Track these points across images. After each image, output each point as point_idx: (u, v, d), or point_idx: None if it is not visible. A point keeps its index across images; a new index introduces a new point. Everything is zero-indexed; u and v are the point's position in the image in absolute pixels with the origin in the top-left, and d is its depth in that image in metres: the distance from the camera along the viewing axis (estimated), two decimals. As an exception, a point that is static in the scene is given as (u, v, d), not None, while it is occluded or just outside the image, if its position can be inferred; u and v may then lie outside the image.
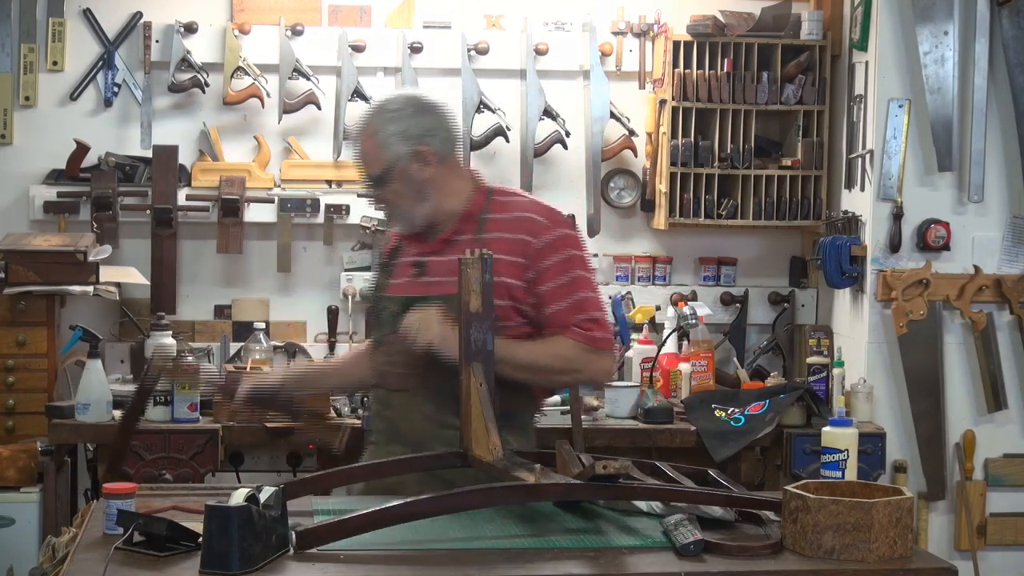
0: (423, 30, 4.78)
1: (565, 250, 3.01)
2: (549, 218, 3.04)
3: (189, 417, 3.99)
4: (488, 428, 2.67)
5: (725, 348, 4.87)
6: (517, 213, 3.03)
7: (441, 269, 3.00)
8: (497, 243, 2.96)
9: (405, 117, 3.03)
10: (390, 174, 3.02)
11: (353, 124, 3.18)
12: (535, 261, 2.98)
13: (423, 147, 3.01)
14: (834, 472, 3.59)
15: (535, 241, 2.99)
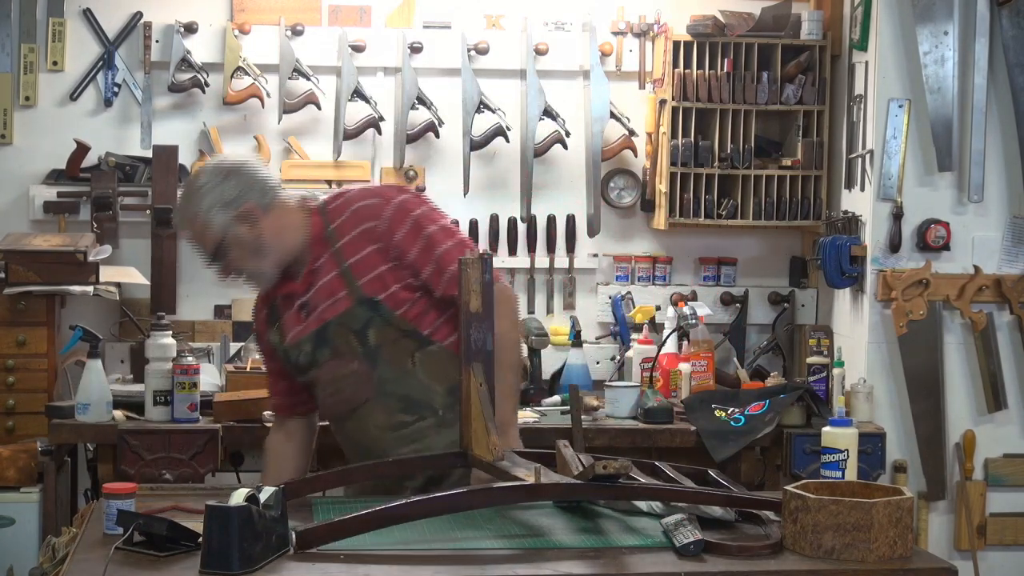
0: (423, 30, 4.78)
1: (408, 217, 3.07)
2: (380, 195, 3.13)
3: (189, 417, 3.99)
4: (488, 428, 2.67)
5: (725, 348, 4.87)
6: (352, 207, 3.09)
7: (321, 297, 3.08)
8: (350, 245, 3.06)
9: (215, 187, 3.07)
10: (225, 245, 3.07)
11: (174, 215, 3.23)
12: (387, 239, 3.05)
13: (244, 207, 3.05)
14: (834, 472, 3.59)
15: (378, 223, 3.06)
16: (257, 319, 3.29)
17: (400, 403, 3.07)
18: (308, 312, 3.11)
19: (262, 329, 3.25)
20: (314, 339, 3.11)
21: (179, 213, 3.13)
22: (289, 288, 3.14)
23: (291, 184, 4.71)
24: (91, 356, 4.03)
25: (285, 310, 3.16)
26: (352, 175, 4.75)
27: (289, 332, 3.15)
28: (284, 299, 3.17)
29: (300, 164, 4.74)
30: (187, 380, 3.98)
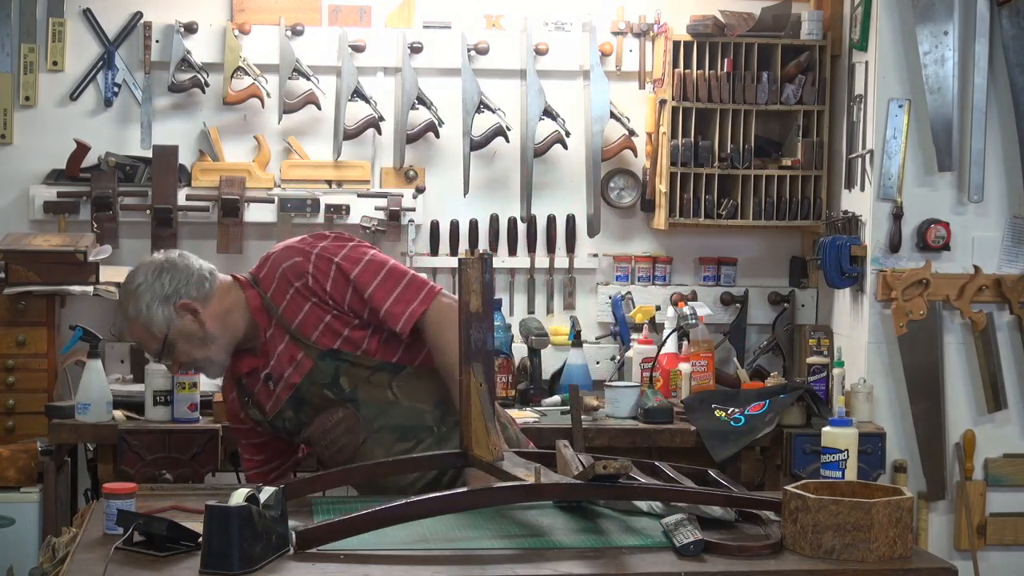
0: (423, 30, 4.78)
1: (329, 266, 3.07)
2: (300, 252, 3.11)
3: (189, 417, 3.99)
4: (488, 428, 2.67)
5: (725, 348, 4.87)
6: (278, 271, 3.10)
7: (283, 365, 3.09)
8: (289, 308, 3.07)
9: (151, 284, 3.10)
10: (171, 340, 3.10)
11: (115, 323, 3.28)
12: (320, 292, 3.06)
13: (184, 302, 3.08)
14: (834, 472, 3.59)
15: (307, 278, 3.07)
16: (227, 400, 3.31)
17: (394, 434, 3.07)
18: (275, 383, 3.13)
19: (236, 408, 3.27)
20: (291, 404, 3.13)
21: (120, 316, 3.15)
22: (249, 364, 3.16)
23: (291, 184, 4.73)
24: (91, 356, 4.03)
25: (253, 386, 3.18)
26: (352, 175, 4.75)
27: (265, 404, 3.17)
28: (249, 376, 3.19)
29: (300, 164, 4.74)
30: (187, 380, 3.99)
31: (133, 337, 3.16)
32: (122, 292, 3.16)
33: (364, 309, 3.05)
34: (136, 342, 3.20)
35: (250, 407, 3.21)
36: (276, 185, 4.73)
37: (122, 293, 3.16)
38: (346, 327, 3.06)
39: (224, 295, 3.14)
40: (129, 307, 3.11)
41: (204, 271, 3.16)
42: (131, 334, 3.16)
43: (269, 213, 4.69)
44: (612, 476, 2.48)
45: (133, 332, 3.14)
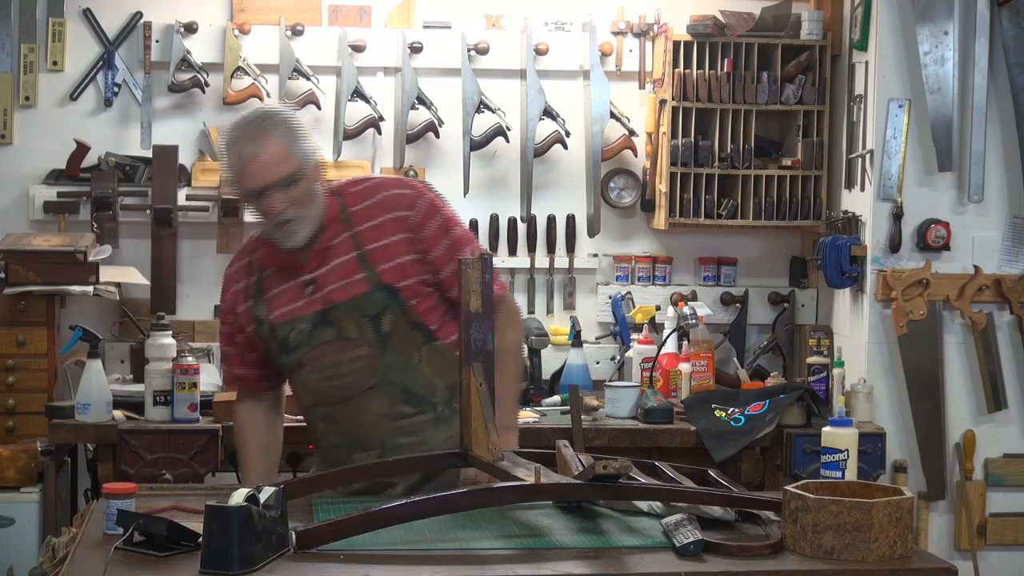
0: (423, 30, 4.79)
1: (438, 214, 3.09)
2: (412, 188, 3.13)
3: (189, 417, 3.99)
4: (488, 428, 2.67)
5: (725, 348, 4.87)
6: (381, 195, 3.07)
7: (333, 277, 3.03)
8: (372, 231, 3.04)
9: (293, 117, 3.01)
10: (296, 176, 2.96)
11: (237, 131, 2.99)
12: (418, 231, 3.05)
13: (318, 153, 3.03)
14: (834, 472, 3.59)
15: (412, 213, 3.05)
16: (232, 289, 3.17)
17: (403, 394, 3.03)
18: (314, 290, 3.03)
19: (238, 300, 3.14)
20: (316, 319, 3.03)
21: (255, 129, 2.95)
22: (290, 261, 3.06)
23: (291, 184, 4.73)
24: (91, 356, 4.03)
25: (279, 284, 3.08)
26: (352, 175, 4.74)
27: (282, 307, 3.07)
28: (280, 272, 3.08)
29: (300, 164, 4.74)
30: (187, 380, 3.99)
31: (263, 155, 2.93)
32: (254, 113, 3.01)
33: (447, 265, 3.02)
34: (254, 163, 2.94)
35: (259, 304, 3.10)
36: (276, 185, 4.73)
37: (260, 113, 3.00)
38: (415, 276, 3.02)
39: (320, 179, 3.07)
40: (275, 126, 2.95)
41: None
42: (262, 152, 2.93)
43: (269, 213, 4.68)
44: (612, 476, 2.47)
45: (268, 150, 2.93)
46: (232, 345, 3.22)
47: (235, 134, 2.98)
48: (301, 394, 3.14)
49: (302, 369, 3.09)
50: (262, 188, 2.95)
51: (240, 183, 2.98)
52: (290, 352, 3.08)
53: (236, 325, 3.18)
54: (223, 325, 3.24)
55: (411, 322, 3.03)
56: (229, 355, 3.24)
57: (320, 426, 3.12)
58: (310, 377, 3.08)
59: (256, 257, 3.13)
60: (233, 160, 2.98)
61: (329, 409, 3.08)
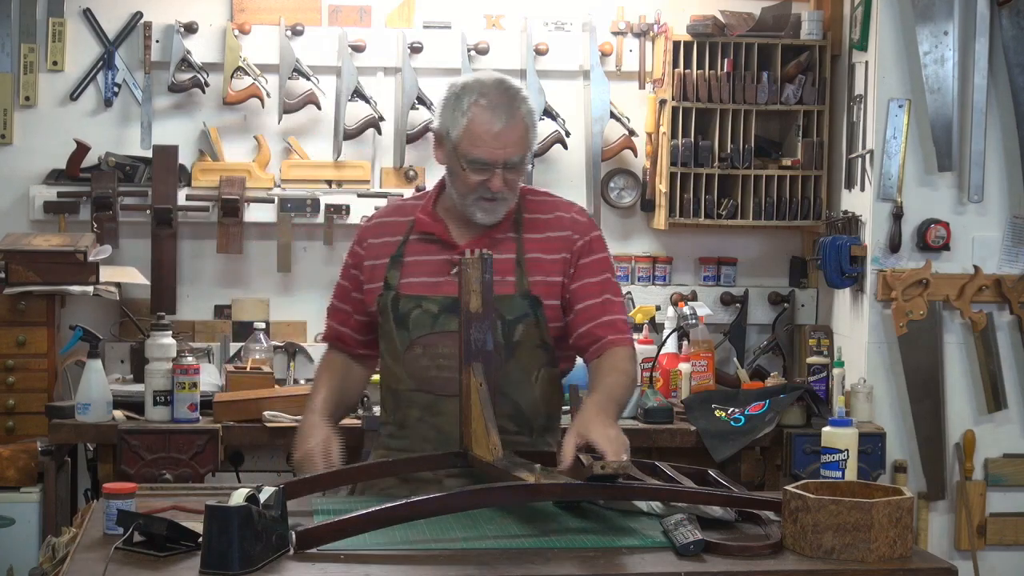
0: (423, 30, 4.79)
1: (601, 251, 3.04)
2: (586, 218, 3.08)
3: (189, 417, 3.99)
4: (488, 428, 2.67)
5: (725, 348, 4.87)
6: (558, 213, 3.02)
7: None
8: (538, 243, 2.98)
9: (530, 101, 2.94)
10: (527, 160, 2.93)
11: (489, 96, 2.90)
12: (576, 258, 2.99)
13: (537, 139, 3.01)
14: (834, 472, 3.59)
15: (579, 238, 3.00)
16: (368, 242, 3.05)
17: (512, 408, 2.94)
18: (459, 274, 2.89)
19: (378, 253, 3.01)
20: (448, 304, 2.90)
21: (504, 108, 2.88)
22: (446, 235, 2.97)
23: (291, 184, 4.73)
24: (91, 356, 4.03)
25: (421, 252, 2.98)
26: (352, 175, 4.75)
27: (417, 277, 2.96)
28: (427, 242, 2.98)
29: (300, 164, 4.75)
30: (187, 380, 3.99)
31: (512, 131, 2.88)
32: (508, 85, 2.93)
33: (588, 300, 2.96)
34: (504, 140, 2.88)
35: (395, 266, 2.98)
36: (276, 185, 4.74)
37: (508, 86, 2.93)
38: (557, 299, 2.96)
39: None
40: (520, 102, 2.90)
41: None
42: (513, 127, 2.88)
43: (269, 213, 4.69)
44: (611, 476, 2.47)
45: (516, 126, 2.88)
46: (347, 301, 3.11)
47: (487, 99, 2.89)
48: (403, 376, 2.98)
49: (414, 350, 2.96)
50: (498, 161, 2.88)
51: (476, 149, 2.88)
52: (408, 329, 2.96)
53: (357, 281, 3.07)
54: (343, 278, 3.12)
55: (541, 339, 2.96)
56: (336, 310, 3.14)
57: (414, 414, 2.98)
58: (421, 361, 2.95)
59: (409, 219, 3.02)
60: (478, 124, 2.88)
61: (433, 399, 2.95)
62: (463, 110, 2.90)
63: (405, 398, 3.00)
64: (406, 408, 3.00)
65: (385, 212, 3.16)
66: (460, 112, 2.90)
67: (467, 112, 2.89)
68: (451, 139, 2.92)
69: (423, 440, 2.96)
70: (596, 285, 2.99)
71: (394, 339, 2.98)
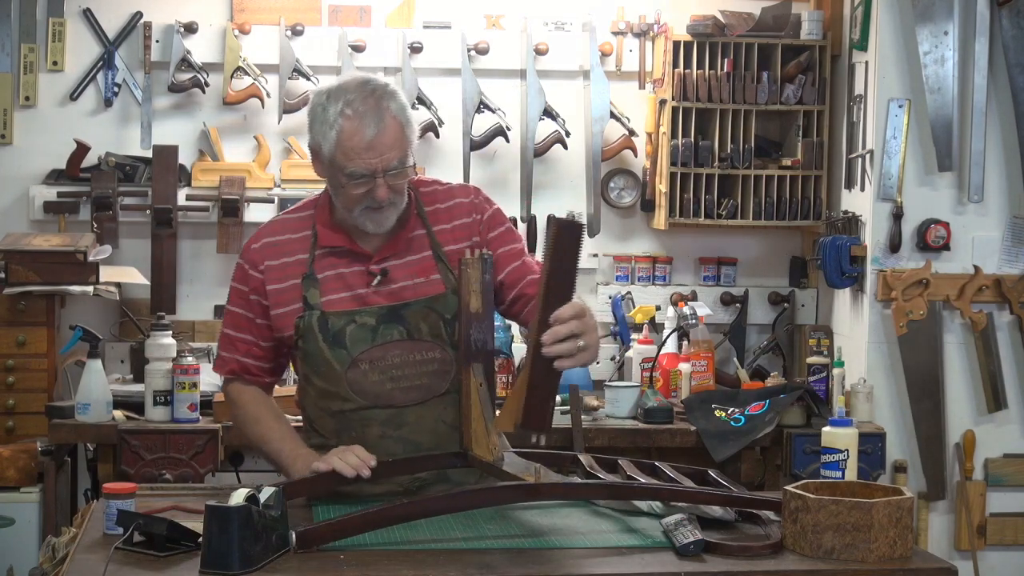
0: (423, 30, 4.79)
1: (503, 222, 2.96)
2: (479, 196, 2.97)
3: (189, 417, 3.99)
4: (488, 428, 2.67)
5: (725, 348, 4.87)
6: (456, 199, 2.93)
7: (410, 272, 2.85)
8: (448, 234, 2.89)
9: (400, 95, 2.82)
10: (408, 161, 2.79)
11: (353, 103, 2.77)
12: (483, 235, 2.91)
13: (416, 135, 2.87)
14: (834, 472, 3.59)
15: (480, 218, 2.92)
16: (271, 266, 2.87)
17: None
18: (383, 282, 2.83)
19: (282, 276, 2.85)
20: (383, 314, 2.81)
21: (372, 112, 2.74)
22: (355, 245, 2.85)
23: (291, 184, 4.73)
24: (91, 356, 4.03)
25: (334, 267, 2.85)
26: (352, 175, 4.74)
27: (339, 294, 2.83)
28: (336, 255, 2.85)
29: (300, 164, 4.74)
30: (187, 380, 3.99)
31: (385, 136, 2.74)
32: (371, 87, 2.79)
33: (510, 264, 2.90)
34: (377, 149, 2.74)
35: (312, 286, 2.83)
36: (276, 185, 4.74)
37: (374, 86, 2.80)
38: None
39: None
40: (389, 101, 2.76)
41: None
42: (384, 132, 2.74)
43: (269, 213, 4.68)
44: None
45: (388, 130, 2.74)
46: (249, 330, 2.91)
47: (353, 107, 2.75)
48: (349, 395, 2.83)
49: (359, 368, 2.82)
50: (377, 171, 2.75)
51: (351, 162, 2.75)
52: (345, 347, 2.81)
53: (259, 307, 2.88)
54: (238, 307, 2.92)
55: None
56: (237, 340, 2.93)
57: (374, 431, 2.83)
58: (369, 377, 2.82)
59: (302, 235, 2.88)
60: (348, 137, 2.74)
61: (394, 412, 2.83)
62: (330, 123, 2.76)
63: (356, 418, 2.85)
64: (360, 427, 2.84)
65: (270, 231, 2.92)
66: (328, 125, 2.76)
67: (334, 124, 2.75)
68: (324, 154, 2.79)
69: (388, 455, 2.81)
70: (510, 254, 2.91)
71: (328, 360, 2.82)
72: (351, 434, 2.84)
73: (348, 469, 2.68)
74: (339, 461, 2.70)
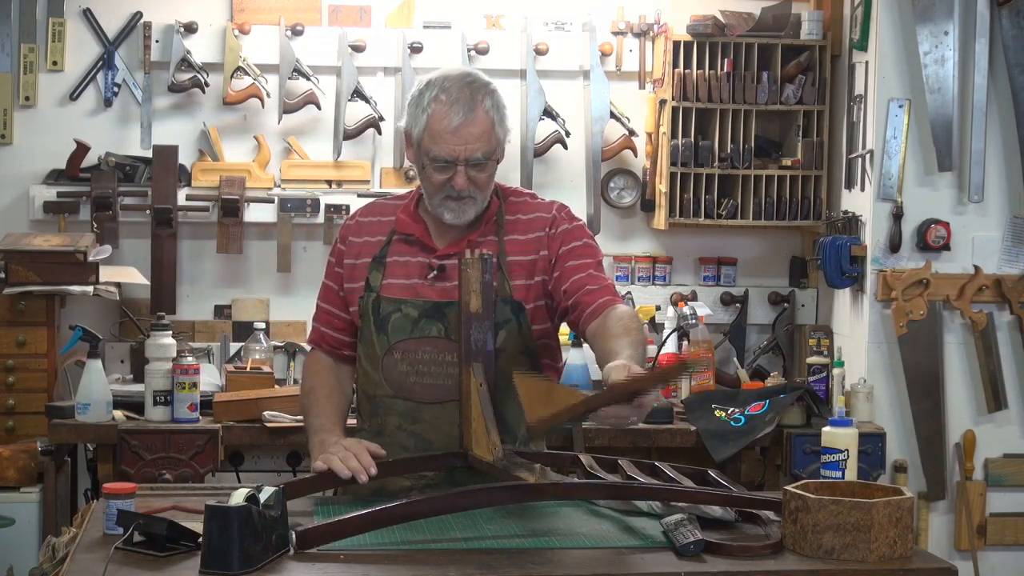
0: (423, 30, 4.79)
1: (583, 237, 2.93)
2: (561, 212, 2.96)
3: (189, 417, 3.99)
4: (488, 428, 2.67)
5: (725, 348, 4.87)
6: (538, 213, 2.93)
7: (456, 273, 2.83)
8: (519, 245, 2.89)
9: (499, 96, 2.86)
10: (494, 156, 2.84)
11: (450, 90, 2.81)
12: (553, 247, 2.89)
13: (508, 136, 2.90)
14: (834, 472, 3.59)
15: (553, 232, 2.90)
16: (350, 239, 2.95)
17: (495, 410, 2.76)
18: (438, 277, 2.85)
19: (362, 252, 2.93)
20: (427, 308, 2.84)
21: (465, 100, 2.79)
22: (426, 236, 2.89)
23: (291, 184, 4.73)
24: (91, 356, 4.03)
25: (402, 253, 2.90)
26: (352, 175, 4.75)
27: (397, 279, 2.88)
28: (407, 242, 2.89)
29: (300, 164, 4.75)
30: (187, 380, 3.99)
31: (473, 126, 2.79)
32: (472, 79, 2.84)
33: (578, 273, 2.84)
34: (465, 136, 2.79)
35: (375, 268, 2.89)
36: (276, 185, 4.74)
37: (472, 79, 2.84)
38: (538, 300, 2.88)
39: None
40: (485, 95, 2.82)
41: None
42: (473, 122, 2.79)
43: (269, 213, 4.69)
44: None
45: (477, 120, 2.80)
46: (332, 301, 2.99)
47: (446, 95, 2.79)
48: (380, 382, 2.88)
49: (392, 356, 2.86)
50: (460, 158, 2.79)
51: (436, 146, 2.80)
52: (387, 333, 2.86)
53: (341, 279, 2.97)
54: (328, 277, 3.01)
55: (524, 345, 2.88)
56: (321, 310, 3.02)
57: (393, 421, 2.88)
58: (400, 367, 2.86)
59: (391, 219, 2.94)
60: (436, 120, 2.79)
61: (412, 407, 2.87)
62: (424, 106, 2.82)
63: (383, 405, 2.90)
64: (384, 415, 2.90)
65: (367, 211, 3.04)
66: (421, 109, 2.83)
67: (427, 108, 2.81)
68: (415, 137, 2.85)
69: (401, 448, 2.86)
70: (578, 267, 2.87)
71: (373, 343, 2.89)
72: (376, 420, 2.92)
73: (345, 471, 2.70)
74: (338, 463, 2.71)
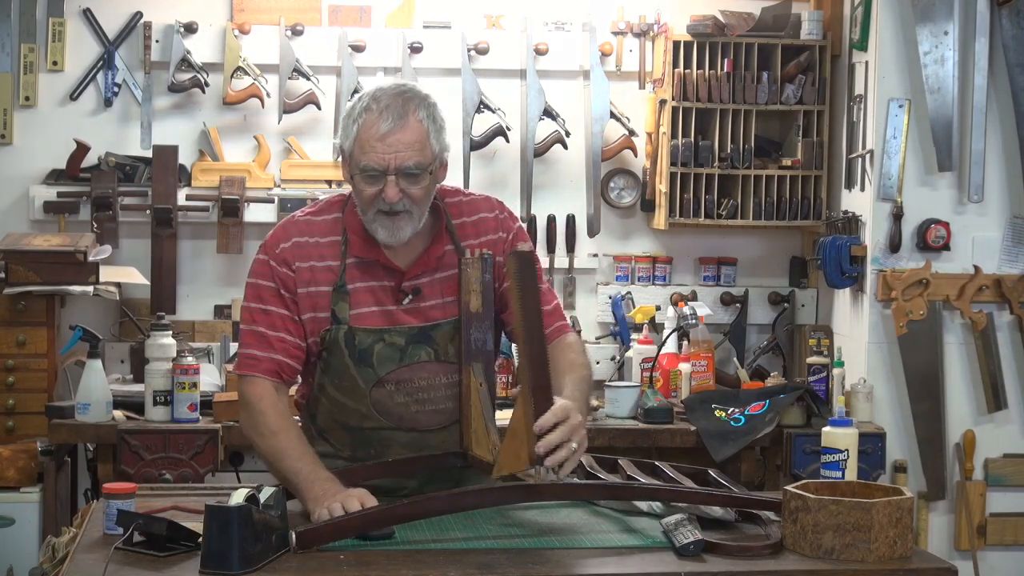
0: (423, 30, 4.79)
1: (527, 239, 2.87)
2: (503, 211, 2.89)
3: (189, 417, 3.99)
4: (488, 428, 2.67)
5: (725, 348, 4.87)
6: (481, 214, 2.85)
7: (441, 291, 2.78)
8: (473, 250, 2.80)
9: (439, 111, 2.74)
10: (428, 169, 2.69)
11: (380, 100, 2.70)
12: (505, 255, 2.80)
13: (446, 152, 2.77)
14: (834, 472, 3.59)
15: (507, 236, 2.84)
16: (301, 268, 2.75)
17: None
18: (415, 300, 2.76)
19: (310, 279, 2.74)
20: (416, 335, 2.74)
21: (395, 111, 2.67)
22: (387, 259, 2.76)
23: (291, 184, 4.73)
24: (91, 356, 4.03)
25: (363, 279, 2.76)
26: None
27: (368, 308, 2.74)
28: (367, 267, 2.76)
29: (300, 164, 4.75)
30: (187, 380, 3.99)
31: (403, 134, 2.66)
32: (405, 89, 2.72)
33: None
34: (392, 145, 2.67)
35: (339, 300, 2.73)
36: (276, 185, 4.74)
37: (405, 89, 2.72)
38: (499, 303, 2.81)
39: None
40: (419, 106, 2.68)
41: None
42: (403, 130, 2.67)
43: (269, 213, 4.69)
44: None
45: (409, 129, 2.67)
46: (287, 329, 2.75)
47: (378, 103, 2.68)
48: (371, 414, 2.77)
49: (385, 388, 2.75)
50: (390, 167, 2.66)
51: (365, 155, 2.67)
52: (372, 366, 2.74)
53: (295, 305, 2.75)
54: (274, 304, 2.76)
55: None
56: (274, 339, 2.75)
57: (394, 452, 2.78)
58: (395, 398, 2.76)
59: (330, 239, 2.77)
60: (365, 129, 2.67)
61: (416, 436, 2.78)
62: (354, 117, 2.71)
63: (377, 437, 2.79)
64: (380, 446, 2.79)
65: (299, 230, 2.79)
66: (352, 120, 2.71)
67: (357, 119, 2.70)
68: (346, 151, 2.73)
69: (407, 478, 2.81)
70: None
71: (354, 376, 2.75)
72: (369, 451, 2.80)
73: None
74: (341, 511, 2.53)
